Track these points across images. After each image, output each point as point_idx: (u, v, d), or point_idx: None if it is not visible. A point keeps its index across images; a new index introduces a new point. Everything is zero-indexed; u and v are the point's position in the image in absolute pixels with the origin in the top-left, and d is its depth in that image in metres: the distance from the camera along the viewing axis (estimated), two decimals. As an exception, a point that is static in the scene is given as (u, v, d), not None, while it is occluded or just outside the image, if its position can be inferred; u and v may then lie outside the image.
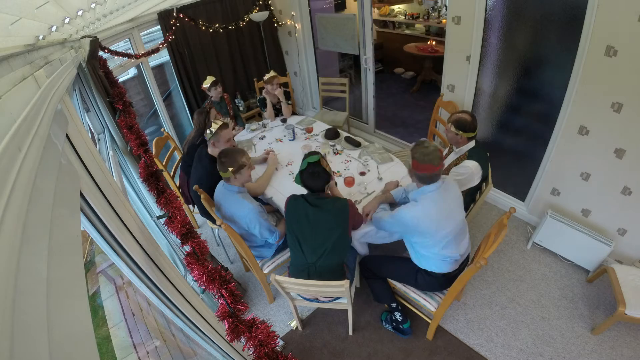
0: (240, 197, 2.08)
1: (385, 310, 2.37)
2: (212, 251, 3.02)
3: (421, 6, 5.54)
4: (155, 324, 2.93)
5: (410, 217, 1.79)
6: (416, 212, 1.78)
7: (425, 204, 1.76)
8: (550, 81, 2.49)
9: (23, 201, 0.42)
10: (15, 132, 0.48)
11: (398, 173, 2.49)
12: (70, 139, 1.04)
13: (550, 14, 2.22)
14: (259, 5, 4.23)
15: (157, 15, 3.46)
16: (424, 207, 1.76)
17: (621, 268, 2.18)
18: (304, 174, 1.85)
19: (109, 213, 1.09)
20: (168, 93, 4.51)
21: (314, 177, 1.83)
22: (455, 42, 2.76)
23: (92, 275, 3.72)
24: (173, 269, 1.39)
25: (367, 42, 3.68)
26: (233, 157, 2.02)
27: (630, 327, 2.17)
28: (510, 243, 2.81)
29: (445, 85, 3.03)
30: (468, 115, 2.15)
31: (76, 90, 2.03)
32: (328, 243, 1.85)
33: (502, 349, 2.14)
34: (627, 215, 2.30)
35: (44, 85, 0.79)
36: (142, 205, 2.50)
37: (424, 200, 1.77)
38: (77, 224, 0.80)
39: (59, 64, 1.18)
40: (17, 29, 0.82)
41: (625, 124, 2.04)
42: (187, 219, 1.32)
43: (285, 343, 2.33)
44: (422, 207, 1.76)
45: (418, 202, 1.78)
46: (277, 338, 0.97)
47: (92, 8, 1.50)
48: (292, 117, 3.46)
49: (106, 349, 2.93)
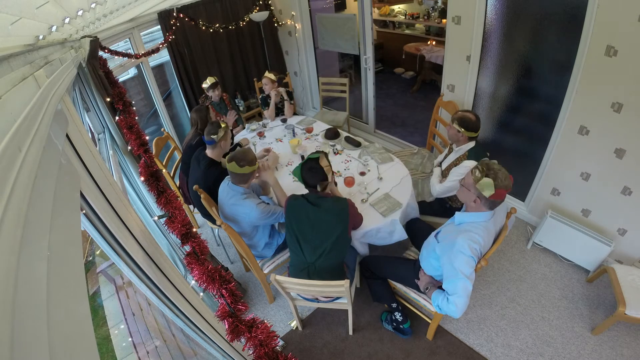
0: (245, 199, 2.08)
1: (385, 310, 2.37)
2: (212, 251, 3.02)
3: (421, 6, 5.54)
4: (155, 324, 2.93)
5: (474, 252, 1.57)
6: (478, 245, 1.57)
7: (477, 242, 1.57)
8: (550, 81, 2.49)
9: (23, 201, 0.42)
10: (15, 132, 0.48)
11: (398, 173, 2.49)
12: (70, 139, 1.04)
13: (550, 14, 2.22)
14: (259, 5, 4.23)
15: (157, 15, 3.46)
16: (483, 238, 1.58)
17: (621, 268, 2.18)
18: (303, 167, 1.90)
19: (109, 213, 1.09)
20: (168, 93, 4.51)
21: (310, 172, 1.88)
22: (455, 42, 2.76)
23: (92, 275, 3.72)
24: (173, 269, 1.39)
25: (367, 42, 3.68)
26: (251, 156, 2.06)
27: (630, 327, 2.17)
28: (510, 243, 2.81)
29: (445, 85, 3.03)
30: (473, 115, 2.16)
31: (76, 90, 2.03)
32: (328, 243, 1.85)
33: (502, 349, 2.14)
34: (627, 215, 2.30)
35: (44, 85, 0.79)
36: (142, 205, 2.50)
37: (478, 230, 1.58)
38: (77, 224, 0.80)
39: (59, 64, 1.18)
40: (17, 29, 0.82)
41: (625, 124, 2.04)
42: (187, 219, 1.32)
43: (285, 343, 2.33)
44: (473, 249, 1.56)
45: (467, 244, 1.56)
46: (277, 338, 0.97)
47: (92, 8, 1.50)
48: (292, 117, 3.46)
49: (106, 349, 2.93)
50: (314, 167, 1.86)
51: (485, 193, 1.52)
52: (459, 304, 1.53)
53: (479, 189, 1.54)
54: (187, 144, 2.77)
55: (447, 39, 2.81)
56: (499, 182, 1.51)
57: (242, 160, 2.00)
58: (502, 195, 1.54)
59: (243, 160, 2.00)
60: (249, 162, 2.02)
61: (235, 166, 2.00)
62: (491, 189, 1.51)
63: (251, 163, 2.02)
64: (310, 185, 1.91)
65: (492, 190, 1.51)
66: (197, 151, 2.50)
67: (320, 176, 1.87)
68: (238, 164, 1.99)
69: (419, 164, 3.01)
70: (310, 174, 1.88)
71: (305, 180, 1.91)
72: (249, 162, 2.02)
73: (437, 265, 1.74)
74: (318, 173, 1.86)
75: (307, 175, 1.89)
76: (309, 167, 1.88)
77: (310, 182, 1.90)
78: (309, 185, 1.92)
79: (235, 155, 2.03)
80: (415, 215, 2.38)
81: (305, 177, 1.90)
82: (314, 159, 1.89)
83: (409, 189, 2.33)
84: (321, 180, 1.87)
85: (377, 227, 2.12)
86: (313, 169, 1.87)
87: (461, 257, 1.54)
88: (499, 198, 1.54)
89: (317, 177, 1.87)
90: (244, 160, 2.01)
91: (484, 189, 1.52)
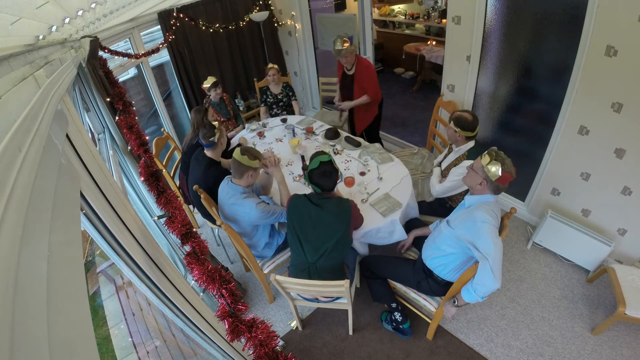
0: (244, 198, 2.08)
1: (385, 310, 2.37)
2: (212, 251, 3.02)
3: (421, 6, 5.54)
4: (155, 324, 2.93)
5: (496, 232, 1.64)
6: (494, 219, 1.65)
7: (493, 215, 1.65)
8: (550, 81, 2.49)
9: (23, 201, 0.42)
10: (15, 132, 0.48)
11: (398, 173, 2.49)
12: (70, 139, 1.04)
13: (550, 14, 2.22)
14: (259, 5, 4.23)
15: (157, 15, 3.46)
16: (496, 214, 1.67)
17: (621, 268, 2.18)
18: (315, 172, 1.83)
19: (109, 213, 1.09)
20: (168, 93, 4.51)
21: (325, 177, 1.82)
22: (455, 42, 2.76)
23: (92, 275, 3.72)
24: (173, 269, 1.39)
25: (367, 42, 3.68)
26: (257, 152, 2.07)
27: (630, 327, 2.17)
28: (510, 243, 2.81)
29: (445, 85, 3.03)
30: (469, 115, 2.16)
31: (76, 90, 2.03)
32: (329, 243, 1.85)
33: (502, 349, 2.14)
34: (627, 215, 2.30)
35: (44, 85, 0.79)
36: (142, 205, 2.50)
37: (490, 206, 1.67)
38: (77, 224, 0.80)
39: (59, 64, 1.18)
40: (17, 29, 0.82)
41: (625, 124, 2.04)
42: (187, 219, 1.32)
43: (285, 343, 2.33)
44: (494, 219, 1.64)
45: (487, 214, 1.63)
46: (277, 338, 0.97)
47: (92, 8, 1.50)
48: (292, 117, 3.46)
49: (106, 349, 2.93)
50: (329, 170, 1.81)
51: (491, 175, 1.64)
52: (496, 272, 1.55)
53: (487, 171, 1.65)
54: (187, 144, 2.77)
55: (447, 39, 2.81)
56: (505, 167, 1.63)
57: (247, 151, 2.02)
58: (506, 180, 1.64)
59: (248, 152, 2.02)
60: (253, 156, 2.02)
61: (238, 153, 2.01)
62: (498, 171, 1.63)
63: (253, 157, 2.02)
64: (327, 189, 1.86)
65: (499, 173, 1.63)
66: (196, 151, 2.50)
67: (335, 179, 1.84)
68: (242, 152, 2.01)
69: (419, 164, 3.01)
70: (326, 178, 1.82)
71: (321, 184, 1.84)
72: (253, 155, 2.02)
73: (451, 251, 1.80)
74: (334, 175, 1.83)
75: (322, 180, 1.82)
76: (324, 170, 1.81)
77: (326, 187, 1.85)
78: (325, 189, 1.86)
79: (243, 146, 2.07)
80: (415, 215, 2.39)
81: (320, 182, 1.83)
82: (327, 162, 1.82)
83: (409, 189, 2.33)
84: (336, 182, 1.86)
85: (377, 227, 2.12)
86: (328, 173, 1.81)
87: (486, 227, 1.60)
88: (503, 182, 1.65)
89: (333, 180, 1.83)
90: (249, 152, 2.02)
91: (491, 170, 1.64)
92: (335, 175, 1.85)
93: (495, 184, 1.66)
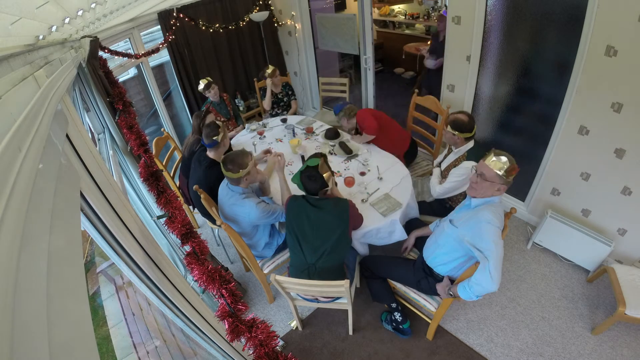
0: (244, 199, 2.07)
1: (385, 310, 2.37)
2: (212, 251, 3.02)
3: (421, 6, 5.54)
4: (155, 324, 2.93)
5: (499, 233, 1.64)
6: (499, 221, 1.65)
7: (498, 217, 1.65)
8: (550, 81, 2.49)
9: (23, 201, 0.42)
10: (15, 132, 0.48)
11: (398, 173, 2.49)
12: (70, 139, 1.04)
13: (550, 14, 2.22)
14: (259, 5, 4.23)
15: (157, 15, 3.46)
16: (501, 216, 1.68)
17: (621, 268, 2.18)
18: (302, 174, 1.88)
19: (109, 213, 1.09)
20: (168, 93, 4.51)
21: (309, 180, 1.86)
22: (455, 42, 2.76)
23: (92, 275, 3.72)
24: (173, 269, 1.39)
25: (367, 42, 3.68)
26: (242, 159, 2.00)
27: (630, 327, 2.17)
28: (510, 243, 2.81)
29: (445, 85, 3.03)
30: (465, 116, 2.15)
31: (76, 90, 2.03)
32: (328, 243, 1.85)
33: (502, 349, 2.14)
34: (627, 215, 2.30)
35: (44, 85, 0.79)
36: (142, 205, 2.50)
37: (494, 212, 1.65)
38: (77, 224, 0.80)
39: (59, 64, 1.18)
40: (17, 29, 0.81)
41: (625, 124, 2.04)
42: (187, 219, 1.32)
43: (285, 343, 2.33)
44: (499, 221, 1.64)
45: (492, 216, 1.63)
46: (277, 338, 0.97)
47: (92, 8, 1.50)
48: (292, 117, 3.47)
49: (106, 349, 2.93)
50: (314, 175, 1.85)
51: (510, 175, 1.60)
52: (494, 274, 1.54)
53: (505, 174, 1.60)
54: (188, 148, 2.74)
55: (447, 39, 2.81)
56: (511, 159, 1.61)
57: (231, 163, 1.97)
58: (515, 170, 1.62)
59: (231, 163, 1.97)
60: (239, 166, 1.98)
61: (223, 170, 2.00)
62: (514, 166, 1.60)
63: (241, 166, 1.98)
64: (311, 192, 1.90)
65: (514, 167, 1.60)
66: (198, 152, 2.50)
67: (319, 184, 1.85)
68: (225, 167, 1.98)
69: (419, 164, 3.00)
70: (310, 182, 1.86)
71: (305, 187, 1.90)
72: (239, 165, 1.98)
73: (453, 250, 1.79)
74: (317, 181, 1.85)
75: (306, 183, 1.88)
76: (308, 175, 1.86)
77: (310, 189, 1.89)
78: (309, 192, 1.91)
79: (224, 160, 2.01)
80: (415, 215, 2.39)
81: (305, 184, 1.89)
82: (313, 166, 1.86)
83: (409, 189, 2.33)
84: (321, 187, 1.86)
85: (377, 227, 2.12)
86: (312, 177, 1.85)
87: (490, 228, 1.60)
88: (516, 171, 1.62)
89: (317, 185, 1.86)
90: (233, 163, 1.97)
91: (508, 169, 1.59)
92: (320, 180, 1.85)
93: (510, 181, 1.62)
